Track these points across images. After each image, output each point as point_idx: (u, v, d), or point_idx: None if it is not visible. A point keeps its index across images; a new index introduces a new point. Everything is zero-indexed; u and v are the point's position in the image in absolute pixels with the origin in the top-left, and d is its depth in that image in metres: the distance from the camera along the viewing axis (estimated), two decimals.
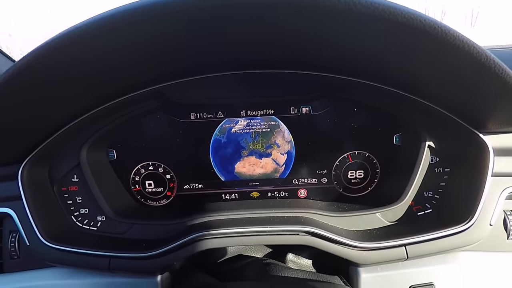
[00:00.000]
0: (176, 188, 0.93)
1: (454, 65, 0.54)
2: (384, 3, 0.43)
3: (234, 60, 0.73)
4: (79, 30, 0.49)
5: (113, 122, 0.81)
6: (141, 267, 0.75)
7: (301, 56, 0.70)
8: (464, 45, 0.47)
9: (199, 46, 0.62)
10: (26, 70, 0.53)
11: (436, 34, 0.45)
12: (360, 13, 0.44)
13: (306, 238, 0.75)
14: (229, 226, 0.78)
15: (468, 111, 0.69)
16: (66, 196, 0.84)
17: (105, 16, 0.48)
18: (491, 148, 0.70)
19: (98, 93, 0.72)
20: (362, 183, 0.93)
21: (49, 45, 0.50)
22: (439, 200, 0.82)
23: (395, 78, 0.71)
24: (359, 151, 0.90)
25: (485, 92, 0.60)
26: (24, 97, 0.60)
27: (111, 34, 0.51)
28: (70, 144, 0.80)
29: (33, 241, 0.74)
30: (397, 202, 0.81)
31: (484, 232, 0.71)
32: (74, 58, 0.55)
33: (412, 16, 0.44)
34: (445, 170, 0.81)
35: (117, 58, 0.60)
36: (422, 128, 0.80)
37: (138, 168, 0.91)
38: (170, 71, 0.74)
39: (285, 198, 0.94)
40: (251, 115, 0.87)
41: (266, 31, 0.57)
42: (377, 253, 0.74)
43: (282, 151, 0.90)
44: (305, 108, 0.86)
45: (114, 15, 0.48)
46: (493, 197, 0.71)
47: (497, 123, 0.68)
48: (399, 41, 0.52)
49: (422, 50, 0.52)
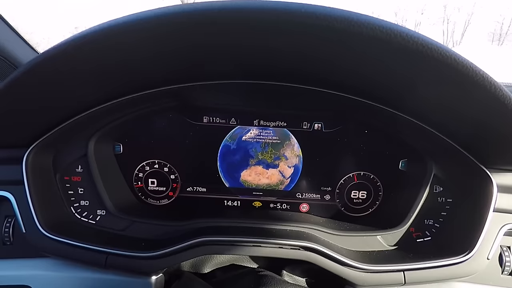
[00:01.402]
0: (179, 189, 0.92)
1: (474, 103, 0.56)
2: (423, 38, 0.45)
3: (253, 71, 0.74)
4: (115, 26, 0.49)
5: (125, 117, 0.80)
6: (138, 267, 0.74)
7: (321, 74, 0.71)
8: (491, 87, 0.49)
9: (221, 53, 0.62)
10: (55, 57, 0.52)
11: (467, 73, 0.47)
12: (399, 44, 0.45)
13: (307, 254, 0.75)
14: (230, 234, 0.78)
15: (477, 146, 0.71)
16: (68, 186, 0.82)
17: (139, 17, 0.49)
18: (496, 184, 0.72)
19: (116, 86, 0.71)
20: (364, 203, 0.93)
21: (82, 37, 0.50)
22: (439, 229, 0.83)
23: (411, 107, 0.73)
24: (364, 172, 0.91)
25: (498, 130, 0.62)
26: (45, 84, 0.59)
27: (142, 36, 0.51)
28: (79, 134, 0.78)
29: (29, 229, 0.72)
30: (398, 226, 0.82)
31: (481, 265, 0.72)
32: (102, 52, 0.54)
33: (447, 54, 0.46)
34: (447, 200, 0.83)
35: (142, 57, 0.60)
36: (429, 157, 0.82)
37: (143, 165, 0.90)
38: (189, 74, 0.74)
39: (287, 210, 0.94)
40: (264, 125, 0.88)
41: (295, 50, 0.58)
42: (376, 276, 0.74)
43: (290, 164, 0.90)
44: (318, 125, 0.87)
45: (147, 18, 0.48)
46: (492, 232, 0.73)
47: (505, 161, 0.70)
48: (427, 75, 0.53)
49: (448, 86, 0.54)
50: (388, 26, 0.46)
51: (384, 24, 0.46)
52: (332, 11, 0.46)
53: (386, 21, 0.46)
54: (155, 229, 0.83)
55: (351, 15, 0.46)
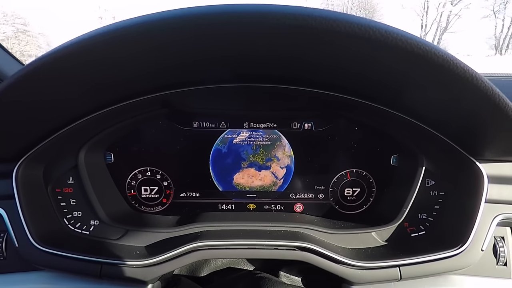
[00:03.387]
0: (172, 196, 0.92)
1: (459, 96, 0.56)
2: (402, 33, 0.45)
3: (242, 74, 0.74)
4: (94, 38, 0.49)
5: (114, 126, 0.80)
6: (134, 275, 0.74)
7: (308, 75, 0.72)
8: (473, 79, 0.49)
9: (207, 59, 0.62)
10: (36, 73, 0.52)
11: (448, 67, 0.47)
12: (378, 41, 0.45)
13: (302, 254, 0.75)
14: (226, 238, 0.77)
15: (466, 139, 0.71)
16: (60, 198, 0.81)
17: (119, 26, 0.48)
18: (486, 175, 0.72)
19: (103, 97, 0.71)
20: (357, 200, 0.94)
21: (61, 51, 0.50)
22: (432, 222, 0.83)
23: (398, 103, 0.73)
24: (357, 169, 0.92)
25: (486, 122, 0.62)
26: (31, 95, 0.59)
27: (124, 44, 0.51)
28: (69, 145, 0.78)
29: (22, 243, 0.72)
30: (392, 222, 0.82)
31: (475, 257, 0.73)
32: (84, 65, 0.54)
33: (426, 48, 0.46)
34: (439, 194, 0.83)
35: (126, 67, 0.60)
36: (420, 151, 0.82)
37: (135, 173, 0.90)
38: (176, 81, 0.74)
39: (281, 211, 0.94)
40: (254, 128, 0.88)
41: (280, 51, 0.58)
42: (372, 272, 0.74)
43: (282, 165, 0.90)
44: (308, 124, 0.87)
45: (128, 26, 0.48)
46: (485, 223, 0.73)
47: (493, 152, 0.70)
48: (411, 71, 0.53)
49: (432, 80, 0.54)
50: (366, 23, 0.46)
51: (363, 21, 0.46)
52: (311, 11, 0.46)
53: (365, 19, 0.46)
54: (150, 237, 0.82)
55: (331, 14, 0.46)
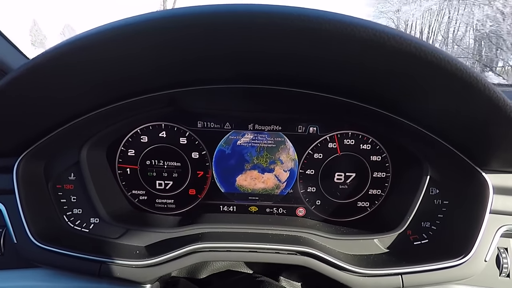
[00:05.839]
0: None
1: (469, 106, 0.56)
2: (416, 41, 0.44)
3: (248, 75, 0.73)
4: (99, 34, 0.48)
5: (118, 123, 0.79)
6: (133, 275, 0.73)
7: (316, 78, 0.71)
8: (485, 89, 0.48)
9: (214, 57, 0.61)
10: (40, 67, 0.51)
11: (461, 76, 0.47)
12: (391, 47, 0.44)
13: (305, 259, 0.74)
14: (227, 240, 0.77)
15: (473, 148, 0.71)
16: (60, 194, 0.80)
17: (126, 23, 0.48)
18: (491, 186, 0.72)
19: (107, 94, 0.70)
20: (360, 206, 0.93)
21: (66, 46, 0.49)
22: (436, 231, 0.83)
23: (406, 110, 0.72)
24: (359, 174, 0.91)
25: (495, 133, 0.62)
26: (35, 90, 0.58)
27: (129, 41, 0.50)
28: (71, 141, 0.77)
29: (21, 239, 0.71)
30: (395, 229, 0.82)
31: (479, 267, 0.72)
32: (88, 61, 0.53)
33: (440, 56, 0.45)
34: (443, 202, 0.83)
35: (131, 64, 0.59)
36: (425, 159, 0.81)
37: (137, 171, 0.89)
38: (181, 79, 0.73)
39: (283, 215, 0.93)
40: (258, 130, 0.87)
41: (286, 54, 0.57)
42: (374, 279, 0.74)
43: (285, 168, 0.89)
44: (313, 128, 0.87)
45: (134, 23, 0.48)
46: (489, 234, 0.73)
47: (500, 163, 0.70)
48: (422, 78, 0.53)
49: (441, 89, 0.53)
50: (381, 29, 0.45)
51: (378, 27, 0.45)
52: (324, 14, 0.46)
53: (379, 24, 0.46)
54: (150, 237, 0.81)
55: (342, 18, 0.46)
